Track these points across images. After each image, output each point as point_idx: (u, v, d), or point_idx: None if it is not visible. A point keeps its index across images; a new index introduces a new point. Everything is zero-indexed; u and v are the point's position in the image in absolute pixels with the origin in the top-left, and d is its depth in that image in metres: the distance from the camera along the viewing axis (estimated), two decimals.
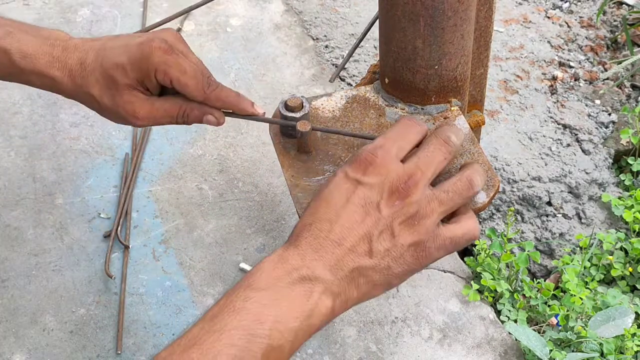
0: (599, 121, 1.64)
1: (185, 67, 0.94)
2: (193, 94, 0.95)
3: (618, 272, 1.38)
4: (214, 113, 0.98)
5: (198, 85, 0.95)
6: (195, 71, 0.95)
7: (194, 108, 0.97)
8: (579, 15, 1.90)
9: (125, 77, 0.93)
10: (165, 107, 0.96)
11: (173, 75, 0.93)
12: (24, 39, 0.95)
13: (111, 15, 1.83)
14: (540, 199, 1.50)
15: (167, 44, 0.93)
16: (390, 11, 1.01)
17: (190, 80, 0.94)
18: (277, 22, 1.83)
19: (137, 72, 0.93)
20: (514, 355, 1.26)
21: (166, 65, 0.92)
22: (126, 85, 0.93)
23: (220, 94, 0.97)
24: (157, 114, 0.96)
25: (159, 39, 0.93)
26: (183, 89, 0.94)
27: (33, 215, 1.44)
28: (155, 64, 0.92)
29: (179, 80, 0.93)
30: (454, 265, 1.38)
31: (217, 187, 1.49)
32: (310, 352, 1.26)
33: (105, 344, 1.27)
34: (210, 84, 0.96)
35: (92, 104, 0.96)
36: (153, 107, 0.95)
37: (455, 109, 1.09)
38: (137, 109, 0.95)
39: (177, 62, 0.93)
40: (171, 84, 0.94)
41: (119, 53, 0.93)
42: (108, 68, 0.93)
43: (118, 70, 0.93)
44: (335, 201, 0.82)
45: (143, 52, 0.92)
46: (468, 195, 0.88)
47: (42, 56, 0.94)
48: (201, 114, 0.97)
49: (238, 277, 1.36)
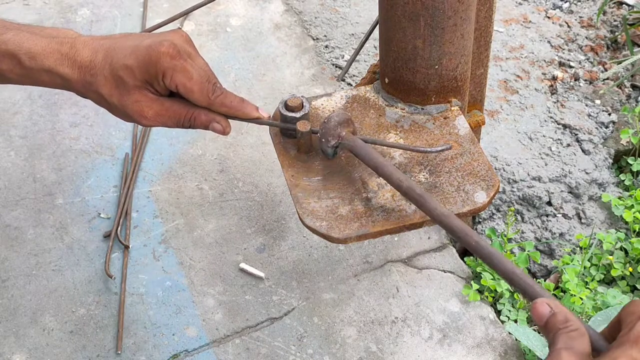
0: (599, 121, 1.64)
1: (192, 73, 0.94)
2: (198, 99, 0.96)
3: (618, 272, 1.38)
4: (221, 121, 0.98)
5: (203, 92, 0.95)
6: (201, 77, 0.95)
7: (201, 113, 0.97)
8: (579, 15, 1.90)
9: (134, 79, 0.94)
10: (173, 108, 0.96)
11: (179, 81, 0.94)
12: (31, 39, 0.95)
13: (111, 15, 1.83)
14: (540, 199, 1.50)
15: (175, 48, 0.94)
16: (390, 11, 1.01)
17: (196, 86, 0.95)
18: (277, 22, 1.83)
19: (144, 75, 0.94)
20: (514, 355, 1.26)
21: (173, 71, 0.93)
22: (135, 85, 0.94)
23: (225, 100, 0.97)
24: (164, 115, 0.96)
25: (168, 42, 0.94)
26: (188, 94, 0.95)
27: (33, 215, 1.44)
28: (163, 69, 0.93)
29: (185, 85, 0.94)
30: (454, 265, 1.38)
31: (217, 187, 1.49)
32: (310, 352, 1.26)
33: (105, 344, 1.27)
34: (215, 90, 0.96)
35: (101, 102, 0.97)
36: (162, 107, 0.96)
37: (455, 109, 1.09)
38: (145, 108, 0.95)
39: (184, 68, 0.94)
40: (177, 89, 0.95)
41: (127, 54, 0.94)
42: (117, 69, 0.93)
43: (126, 71, 0.93)
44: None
45: (151, 56, 0.93)
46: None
47: (51, 54, 0.94)
48: (208, 120, 0.98)
49: (238, 277, 1.36)
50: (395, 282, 1.35)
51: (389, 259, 1.38)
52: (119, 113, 0.98)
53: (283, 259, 1.38)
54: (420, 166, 1.03)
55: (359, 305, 1.32)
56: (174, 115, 0.97)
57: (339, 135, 0.99)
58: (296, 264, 1.38)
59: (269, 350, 1.27)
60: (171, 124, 0.98)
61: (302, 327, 1.30)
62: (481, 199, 0.99)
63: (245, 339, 1.28)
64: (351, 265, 1.38)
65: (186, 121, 0.98)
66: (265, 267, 1.37)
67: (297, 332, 1.29)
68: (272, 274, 1.36)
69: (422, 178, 1.02)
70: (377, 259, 1.38)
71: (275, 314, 1.31)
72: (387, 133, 1.08)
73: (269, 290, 1.34)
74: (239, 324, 1.30)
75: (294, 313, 1.31)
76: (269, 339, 1.28)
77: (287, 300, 1.33)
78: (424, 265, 1.38)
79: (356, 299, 1.33)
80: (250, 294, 1.34)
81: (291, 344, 1.27)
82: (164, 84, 0.95)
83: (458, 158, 1.03)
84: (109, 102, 0.96)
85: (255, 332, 1.29)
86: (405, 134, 1.07)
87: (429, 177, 1.02)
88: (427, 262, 1.38)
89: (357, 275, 1.36)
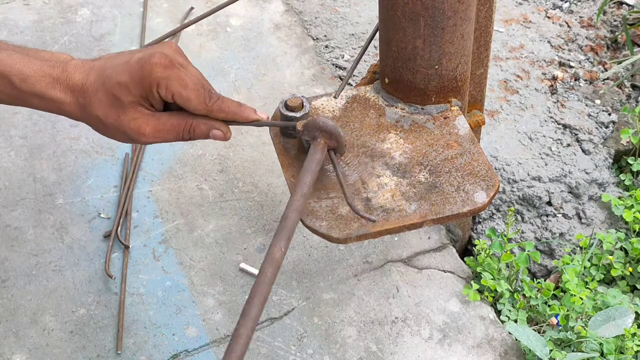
0: (599, 121, 1.64)
1: (187, 81, 0.94)
2: (196, 107, 0.95)
3: (618, 272, 1.38)
4: (221, 127, 0.98)
5: (200, 99, 0.95)
6: (196, 84, 0.95)
7: (200, 122, 0.97)
8: (579, 15, 1.90)
9: (129, 95, 0.93)
10: (171, 121, 0.96)
11: (175, 90, 0.93)
12: (23, 61, 0.95)
13: (111, 15, 1.83)
14: (540, 199, 1.50)
15: (167, 58, 0.93)
16: (390, 11, 1.01)
17: (192, 94, 0.94)
18: (277, 22, 1.83)
19: (139, 89, 0.93)
20: (514, 355, 1.26)
21: (167, 80, 0.93)
22: (130, 102, 0.93)
23: (222, 106, 0.97)
24: (163, 129, 0.96)
25: (159, 53, 0.93)
26: (185, 103, 0.95)
27: (33, 215, 1.44)
28: (157, 79, 0.93)
29: (181, 94, 0.94)
30: (454, 265, 1.38)
31: (217, 187, 1.49)
32: (310, 352, 1.26)
33: (105, 344, 1.27)
34: (212, 96, 0.96)
35: (97, 124, 0.97)
36: (159, 122, 0.95)
37: (455, 109, 1.09)
38: (142, 125, 0.95)
39: (179, 76, 0.94)
40: (173, 99, 0.94)
41: (120, 71, 0.94)
42: (111, 87, 0.93)
43: (121, 89, 0.93)
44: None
45: (144, 68, 0.93)
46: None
47: (43, 78, 0.94)
48: (207, 128, 0.97)
49: (238, 277, 1.36)
50: (395, 282, 1.35)
51: (389, 259, 1.38)
52: (116, 133, 0.97)
53: None
54: (420, 166, 1.03)
55: (359, 305, 1.32)
56: (173, 129, 0.97)
57: (313, 136, 0.98)
58: (296, 264, 1.38)
59: (269, 350, 1.27)
60: (171, 138, 0.97)
61: (302, 327, 1.30)
62: (481, 199, 0.99)
63: None
64: (351, 265, 1.38)
65: (186, 132, 0.97)
66: None
67: (297, 332, 1.29)
68: None
69: (422, 178, 1.02)
70: (377, 259, 1.38)
71: (275, 314, 1.31)
72: (387, 133, 1.08)
73: None
74: None
75: (294, 313, 1.31)
76: (269, 339, 1.28)
77: (287, 300, 1.33)
78: (424, 265, 1.38)
79: (356, 299, 1.33)
80: None
81: (291, 344, 1.27)
82: (159, 96, 0.94)
83: (458, 158, 1.03)
84: (105, 123, 0.95)
85: (255, 332, 1.29)
86: (405, 134, 1.07)
87: (429, 177, 1.02)
88: (427, 262, 1.38)
89: (357, 275, 1.36)
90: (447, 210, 0.98)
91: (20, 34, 1.78)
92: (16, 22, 1.81)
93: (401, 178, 1.02)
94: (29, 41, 1.76)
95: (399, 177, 1.02)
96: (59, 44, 1.76)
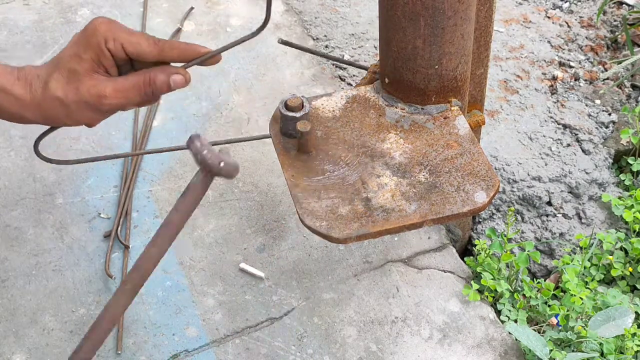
0: (599, 121, 1.64)
1: (131, 30, 0.98)
2: (146, 50, 0.97)
3: (618, 272, 1.38)
4: (179, 71, 0.99)
5: (149, 40, 0.98)
6: (141, 33, 0.99)
7: (158, 72, 0.98)
8: (579, 15, 1.90)
9: (82, 62, 0.96)
10: (129, 79, 0.98)
11: (123, 39, 0.96)
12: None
13: (111, 15, 1.83)
14: (540, 199, 1.50)
15: (106, 18, 0.98)
16: (390, 11, 1.01)
17: (141, 38, 0.97)
18: (277, 22, 1.83)
19: (90, 52, 0.96)
20: (514, 355, 1.26)
21: (113, 32, 0.96)
22: (85, 70, 0.96)
23: (173, 44, 0.99)
24: (123, 88, 0.97)
25: (98, 17, 0.98)
26: (136, 49, 0.97)
27: (33, 215, 1.44)
28: (104, 35, 0.96)
29: (130, 40, 0.97)
30: (454, 265, 1.38)
31: (217, 187, 1.49)
32: (310, 352, 1.26)
33: (105, 344, 1.27)
34: (159, 39, 0.98)
35: (59, 109, 0.98)
36: (117, 83, 0.98)
37: (455, 109, 1.09)
38: (101, 88, 0.97)
39: (122, 28, 0.97)
40: (123, 49, 0.96)
41: (68, 47, 0.97)
42: (64, 63, 0.96)
43: (73, 59, 0.96)
44: None
45: (87, 30, 0.96)
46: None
47: (3, 74, 0.97)
48: (166, 76, 0.99)
49: (238, 277, 1.36)
50: (395, 282, 1.35)
51: (389, 259, 1.38)
52: (79, 110, 0.98)
53: (283, 259, 1.38)
54: (420, 166, 1.03)
55: (359, 305, 1.32)
56: (133, 86, 0.98)
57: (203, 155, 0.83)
58: (296, 264, 1.38)
59: (269, 350, 1.27)
60: (134, 96, 0.98)
61: (302, 327, 1.30)
62: (481, 199, 0.99)
63: (245, 339, 1.28)
64: (351, 265, 1.38)
65: (147, 86, 0.98)
66: (265, 267, 1.37)
67: (297, 332, 1.29)
68: (272, 273, 1.36)
69: (422, 178, 1.02)
70: (377, 259, 1.38)
71: (275, 313, 1.31)
72: (387, 133, 1.08)
73: (268, 290, 1.34)
74: (239, 324, 1.30)
75: (294, 313, 1.31)
76: (269, 339, 1.28)
77: (287, 300, 1.33)
78: (424, 265, 1.38)
79: (356, 299, 1.33)
80: (250, 294, 1.34)
81: (291, 344, 1.27)
82: (110, 54, 0.96)
83: (458, 158, 1.03)
84: (67, 102, 0.96)
85: (255, 332, 1.29)
86: (405, 133, 1.07)
87: (429, 177, 1.02)
88: (427, 262, 1.38)
89: (357, 275, 1.36)
90: (447, 210, 0.98)
91: (20, 34, 1.78)
92: (16, 22, 1.81)
93: (401, 178, 1.02)
94: (29, 41, 1.76)
95: (399, 177, 1.02)
96: (59, 44, 1.76)
